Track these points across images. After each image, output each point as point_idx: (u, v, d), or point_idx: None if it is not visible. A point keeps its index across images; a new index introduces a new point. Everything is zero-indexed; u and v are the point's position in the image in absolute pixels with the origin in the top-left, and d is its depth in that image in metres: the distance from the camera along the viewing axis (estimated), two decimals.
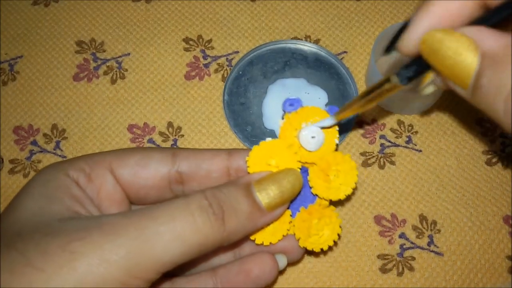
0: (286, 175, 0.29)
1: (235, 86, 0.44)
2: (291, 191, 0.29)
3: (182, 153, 0.31)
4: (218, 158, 0.31)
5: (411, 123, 0.42)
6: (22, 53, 0.46)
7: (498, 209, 0.40)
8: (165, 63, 0.45)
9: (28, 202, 0.27)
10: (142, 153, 0.31)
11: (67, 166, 0.29)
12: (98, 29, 0.47)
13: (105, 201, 0.29)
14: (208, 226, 0.25)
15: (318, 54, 0.45)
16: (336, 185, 0.30)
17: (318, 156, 0.31)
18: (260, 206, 0.28)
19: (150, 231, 0.24)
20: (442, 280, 0.37)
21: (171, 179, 0.31)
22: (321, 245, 0.31)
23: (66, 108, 0.43)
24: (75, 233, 0.24)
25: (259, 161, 0.30)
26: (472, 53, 0.21)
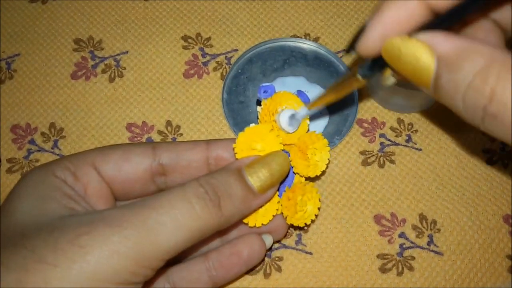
0: (274, 158, 0.31)
1: (234, 85, 0.43)
2: (280, 172, 0.31)
3: (162, 146, 0.33)
4: (198, 149, 0.33)
5: (411, 121, 0.42)
6: (19, 51, 0.45)
7: (498, 208, 0.39)
8: (164, 61, 0.45)
9: (22, 204, 0.27)
10: (123, 149, 0.32)
11: (53, 167, 0.29)
12: (96, 27, 0.46)
13: (92, 198, 0.30)
14: (206, 212, 0.27)
15: (318, 52, 0.44)
16: (314, 162, 0.33)
17: (295, 137, 0.33)
18: (253, 189, 0.29)
19: (153, 221, 0.25)
20: (442, 279, 0.37)
21: (154, 171, 0.32)
22: (305, 220, 0.33)
23: (64, 107, 0.43)
24: (81, 228, 0.25)
25: (246, 146, 0.31)
26: (429, 57, 0.23)
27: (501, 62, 0.22)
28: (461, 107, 0.23)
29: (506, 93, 0.21)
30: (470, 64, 0.22)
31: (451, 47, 0.23)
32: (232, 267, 0.33)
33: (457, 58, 0.23)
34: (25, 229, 0.25)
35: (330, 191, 0.40)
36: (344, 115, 0.42)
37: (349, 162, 0.41)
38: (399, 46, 0.24)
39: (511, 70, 0.21)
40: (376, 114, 0.43)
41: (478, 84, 0.22)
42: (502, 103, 0.21)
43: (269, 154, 0.31)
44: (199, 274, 0.32)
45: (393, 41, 0.24)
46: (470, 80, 0.22)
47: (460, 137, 0.42)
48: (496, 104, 0.22)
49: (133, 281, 0.25)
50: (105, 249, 0.24)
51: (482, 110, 0.22)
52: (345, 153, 0.41)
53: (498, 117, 0.22)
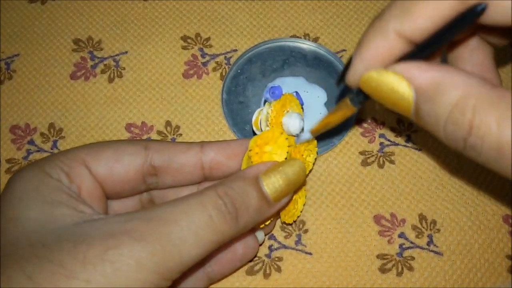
0: (291, 166, 0.30)
1: (233, 85, 0.43)
2: (296, 181, 0.30)
3: (154, 145, 0.32)
4: (191, 152, 0.32)
5: (410, 121, 0.42)
6: (18, 52, 0.45)
7: (498, 208, 0.39)
8: (163, 62, 0.45)
9: (28, 210, 0.26)
10: (114, 147, 0.31)
11: (46, 167, 0.28)
12: (96, 27, 0.46)
13: (87, 198, 0.29)
14: (224, 225, 0.27)
15: (317, 52, 0.44)
16: (307, 162, 0.34)
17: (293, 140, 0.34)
18: (268, 199, 0.29)
19: (176, 236, 0.25)
20: (442, 279, 0.37)
21: (145, 172, 0.32)
22: (294, 217, 0.34)
23: (64, 107, 0.43)
24: (106, 241, 0.25)
25: (260, 150, 0.32)
26: (407, 89, 0.24)
27: (476, 94, 0.22)
28: (442, 137, 0.24)
29: (483, 126, 0.22)
30: (447, 97, 0.23)
31: (426, 79, 0.23)
32: (227, 264, 0.33)
33: (433, 91, 0.23)
34: (43, 239, 0.25)
35: (330, 191, 0.40)
36: None
37: (348, 162, 0.41)
38: (376, 79, 0.25)
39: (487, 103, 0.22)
40: (376, 114, 0.42)
41: (457, 117, 0.23)
42: (479, 136, 0.22)
43: (286, 162, 0.31)
44: (195, 270, 0.33)
45: (369, 75, 0.25)
46: (448, 113, 0.23)
47: None
48: (474, 137, 0.22)
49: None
50: (133, 264, 0.24)
51: (463, 141, 0.23)
52: (345, 153, 0.41)
53: (476, 149, 0.23)
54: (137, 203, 0.34)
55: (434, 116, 0.24)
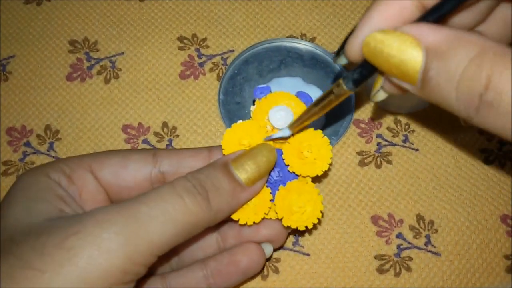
0: (260, 150, 0.30)
1: (230, 86, 0.43)
2: (267, 164, 0.30)
3: (163, 153, 0.32)
4: (199, 156, 0.32)
5: (408, 121, 0.42)
6: (14, 53, 0.45)
7: (495, 208, 0.39)
8: (160, 62, 0.45)
9: (13, 207, 0.26)
10: (121, 155, 0.31)
11: (48, 169, 0.29)
12: (92, 28, 0.46)
13: (87, 202, 0.29)
14: (196, 206, 0.27)
15: (314, 52, 0.44)
16: (311, 160, 0.32)
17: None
18: (240, 182, 0.29)
19: (144, 215, 0.25)
20: (440, 280, 0.37)
21: (153, 179, 0.32)
22: (304, 222, 0.31)
23: (60, 109, 0.43)
24: (68, 229, 0.24)
25: (233, 142, 0.32)
26: (416, 49, 0.22)
27: (495, 49, 0.21)
28: (453, 98, 0.22)
29: (503, 81, 0.20)
30: (464, 52, 0.21)
31: (440, 36, 0.22)
32: (230, 276, 0.32)
33: (448, 47, 0.21)
34: (14, 233, 0.25)
35: (327, 192, 0.40)
36: (340, 116, 0.42)
37: (346, 162, 0.41)
38: (381, 40, 0.22)
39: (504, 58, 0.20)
40: (373, 114, 0.42)
41: (474, 71, 0.21)
42: (498, 91, 0.20)
43: (255, 146, 0.31)
44: (197, 282, 0.32)
45: (374, 35, 0.23)
46: (463, 69, 0.21)
47: (457, 137, 0.42)
48: (492, 92, 0.20)
49: (125, 280, 0.24)
50: (94, 249, 0.23)
51: (478, 98, 0.21)
52: (342, 153, 0.41)
53: (494, 106, 0.21)
54: None
55: (446, 74, 0.21)
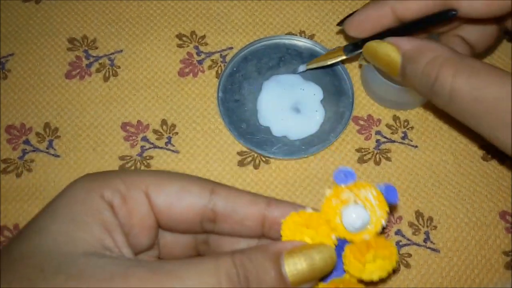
0: (320, 252, 0.27)
1: (229, 83, 0.43)
2: (322, 268, 0.27)
3: (221, 191, 0.30)
4: (256, 207, 0.30)
5: (406, 118, 0.42)
6: (13, 51, 0.45)
7: (494, 205, 0.39)
8: (158, 60, 0.45)
9: (53, 225, 0.25)
10: (181, 182, 0.29)
11: (103, 185, 0.27)
12: (90, 26, 0.46)
13: (136, 226, 0.28)
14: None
15: (313, 49, 0.44)
16: (371, 269, 0.29)
17: (359, 237, 0.29)
18: (286, 281, 0.26)
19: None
20: (439, 276, 0.37)
21: (204, 215, 0.30)
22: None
23: (59, 107, 0.43)
24: (100, 282, 0.23)
25: (295, 228, 0.28)
26: (396, 54, 0.33)
27: (444, 56, 0.31)
28: (417, 87, 0.33)
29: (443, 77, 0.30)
30: (423, 57, 0.32)
31: (411, 46, 0.33)
32: None
33: (415, 53, 0.32)
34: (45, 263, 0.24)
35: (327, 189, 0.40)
36: (339, 113, 0.42)
37: (345, 159, 0.41)
38: (375, 47, 0.35)
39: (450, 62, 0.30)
40: (371, 111, 0.42)
41: (428, 71, 0.31)
42: (440, 84, 0.31)
43: (315, 245, 0.28)
44: None
45: (371, 43, 0.35)
46: (423, 68, 0.32)
47: (456, 133, 0.42)
48: (437, 85, 0.31)
49: None
50: None
51: (430, 89, 0.31)
52: (341, 150, 0.41)
53: (438, 94, 0.31)
54: (191, 240, 0.32)
55: (414, 72, 0.32)
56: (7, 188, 0.40)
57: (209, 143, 0.42)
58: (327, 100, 0.42)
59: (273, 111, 0.42)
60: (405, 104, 0.42)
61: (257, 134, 0.41)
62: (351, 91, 0.42)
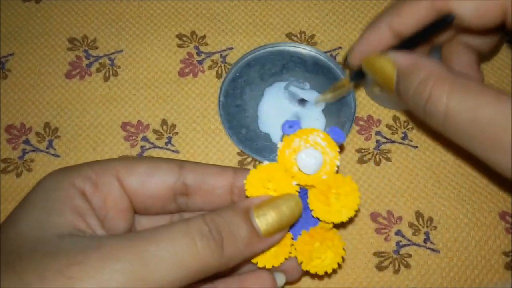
0: (285, 201, 0.29)
1: (231, 88, 0.43)
2: (290, 217, 0.29)
3: (189, 165, 0.31)
4: (224, 175, 0.31)
5: (406, 119, 0.42)
6: (13, 51, 0.45)
7: (494, 205, 0.39)
8: (159, 60, 0.45)
9: (28, 214, 0.26)
10: (149, 163, 0.30)
11: (74, 174, 0.28)
12: (90, 26, 0.46)
13: (111, 210, 0.29)
14: (208, 252, 0.25)
15: (317, 58, 0.44)
16: (337, 208, 0.30)
17: (317, 178, 0.30)
18: (258, 232, 0.28)
19: (151, 255, 0.24)
20: (439, 277, 0.37)
21: (177, 190, 0.31)
22: (324, 268, 0.31)
23: (59, 106, 0.43)
24: (73, 256, 0.24)
25: (257, 184, 0.30)
26: (392, 69, 0.32)
27: (437, 74, 0.30)
28: (411, 105, 0.32)
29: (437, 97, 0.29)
30: (416, 75, 0.31)
31: (405, 62, 0.32)
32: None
33: (408, 70, 0.31)
34: (22, 246, 0.24)
35: None
36: (341, 123, 0.42)
37: (345, 160, 0.41)
38: (373, 61, 0.34)
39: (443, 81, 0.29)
40: (372, 112, 0.42)
41: (420, 90, 0.30)
42: (434, 105, 0.30)
43: (281, 196, 0.29)
44: None
45: (369, 58, 0.34)
46: (415, 87, 0.30)
47: None
48: (430, 105, 0.30)
49: None
50: (94, 283, 0.23)
51: (423, 109, 0.30)
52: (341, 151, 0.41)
53: (431, 114, 0.30)
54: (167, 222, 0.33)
55: (406, 89, 0.31)
56: (7, 188, 0.40)
57: (209, 143, 0.42)
58: (329, 110, 0.42)
59: (273, 118, 0.42)
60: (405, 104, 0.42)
61: (257, 141, 0.41)
62: (354, 102, 0.42)
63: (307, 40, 0.45)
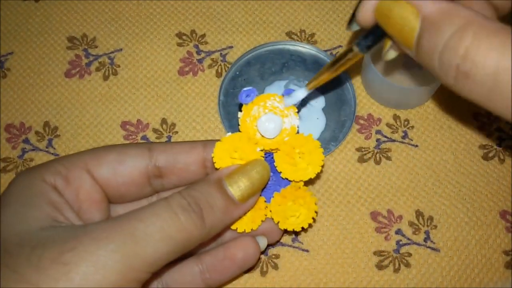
0: (254, 166, 0.30)
1: (231, 87, 0.43)
2: (260, 180, 0.31)
3: (158, 147, 0.32)
4: (194, 151, 0.32)
5: (407, 117, 0.42)
6: (12, 50, 0.45)
7: (494, 204, 0.39)
8: (158, 59, 0.45)
9: (5, 213, 0.26)
10: (118, 150, 0.31)
11: (43, 171, 0.28)
12: (90, 25, 0.46)
13: (84, 202, 0.29)
14: (190, 223, 0.27)
15: (317, 56, 0.44)
16: (303, 166, 0.32)
17: (280, 141, 0.32)
18: (233, 199, 0.29)
19: (140, 232, 0.25)
20: (439, 276, 0.37)
21: (150, 174, 0.32)
22: (300, 224, 0.33)
23: (58, 105, 0.43)
24: (64, 244, 0.24)
25: (224, 156, 0.31)
26: (415, 18, 0.25)
27: (478, 23, 0.23)
28: (436, 67, 0.24)
29: (480, 53, 0.22)
30: (449, 24, 0.23)
31: (434, 9, 0.24)
32: (226, 270, 0.33)
33: (438, 19, 0.24)
34: (7, 242, 0.25)
35: (327, 188, 0.40)
36: (341, 121, 0.42)
37: (345, 159, 0.41)
38: (389, 6, 0.26)
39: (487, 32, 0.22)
40: (372, 111, 0.42)
41: (454, 43, 0.23)
42: (474, 62, 0.22)
43: (249, 163, 0.31)
44: (193, 277, 0.32)
45: (385, 2, 0.26)
46: (447, 39, 0.23)
47: (457, 133, 0.42)
48: (469, 63, 0.23)
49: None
50: (90, 265, 0.23)
51: (455, 68, 0.23)
52: (341, 150, 0.41)
53: (470, 76, 0.23)
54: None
55: (433, 43, 0.24)
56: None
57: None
58: (329, 108, 0.42)
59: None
60: (406, 103, 0.42)
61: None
62: (354, 100, 0.42)
63: (307, 39, 0.45)
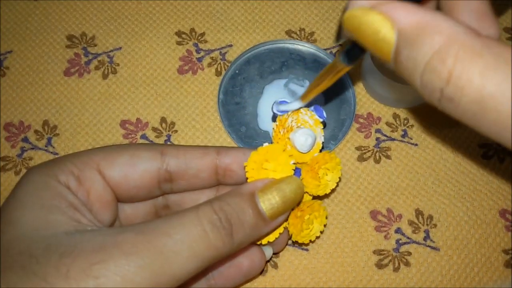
0: (288, 184, 0.30)
1: (230, 85, 0.43)
2: (293, 199, 0.30)
3: (170, 151, 0.31)
4: (207, 157, 0.32)
5: (406, 116, 0.42)
6: (11, 48, 0.45)
7: (494, 203, 0.39)
8: (158, 57, 0.44)
9: (24, 214, 0.26)
10: (130, 152, 0.30)
11: (56, 170, 0.28)
12: (89, 23, 0.46)
13: (95, 203, 0.29)
14: (219, 241, 0.26)
15: (316, 55, 0.44)
16: (325, 182, 0.32)
17: (308, 156, 0.32)
18: (264, 216, 0.29)
19: (168, 249, 0.25)
20: (439, 275, 0.37)
21: (160, 177, 0.31)
22: (310, 237, 0.33)
23: (57, 104, 0.43)
24: (93, 254, 0.24)
25: (257, 167, 0.30)
26: (389, 30, 0.22)
27: (460, 43, 0.20)
28: (418, 85, 0.22)
29: (463, 77, 0.20)
30: (429, 42, 0.21)
31: (411, 22, 0.21)
32: (231, 278, 0.32)
33: (416, 35, 0.21)
34: (32, 248, 0.24)
35: None
36: (340, 120, 0.42)
37: (344, 158, 0.41)
38: (359, 18, 0.22)
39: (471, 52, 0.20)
40: (371, 109, 0.42)
41: (436, 65, 0.21)
42: (458, 87, 0.20)
43: (283, 179, 0.30)
44: (198, 282, 0.32)
45: (353, 12, 0.22)
46: (427, 60, 0.21)
47: (456, 131, 0.41)
48: (452, 87, 0.21)
49: None
50: (119, 280, 0.23)
51: (439, 92, 0.21)
52: (341, 149, 0.41)
53: (454, 101, 0.21)
54: (150, 208, 0.34)
55: (413, 62, 0.22)
56: (6, 186, 0.40)
57: (208, 141, 0.41)
58: (329, 107, 0.42)
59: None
60: (405, 102, 0.42)
61: (256, 138, 0.41)
62: (353, 99, 0.42)
63: (306, 38, 0.45)
